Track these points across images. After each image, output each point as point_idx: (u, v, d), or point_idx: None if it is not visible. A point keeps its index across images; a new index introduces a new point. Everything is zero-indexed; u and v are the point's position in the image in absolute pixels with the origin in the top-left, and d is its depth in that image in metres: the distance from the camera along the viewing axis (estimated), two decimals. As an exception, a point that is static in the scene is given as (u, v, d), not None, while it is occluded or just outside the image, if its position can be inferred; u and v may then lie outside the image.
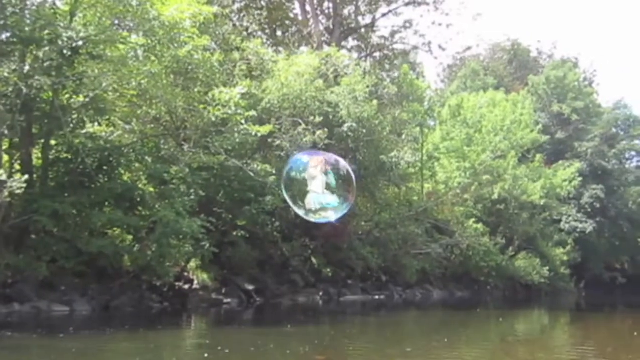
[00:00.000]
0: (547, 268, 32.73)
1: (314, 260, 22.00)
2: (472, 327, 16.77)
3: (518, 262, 31.55)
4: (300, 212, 3.29)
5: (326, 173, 2.99)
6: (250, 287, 19.25)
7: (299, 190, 3.00)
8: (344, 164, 3.09)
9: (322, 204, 3.08)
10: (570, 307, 28.88)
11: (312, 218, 3.19)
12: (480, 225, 29.37)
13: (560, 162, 38.25)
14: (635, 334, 15.22)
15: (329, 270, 21.99)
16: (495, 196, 30.19)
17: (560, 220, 37.86)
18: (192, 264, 17.99)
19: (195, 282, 18.05)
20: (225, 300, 18.20)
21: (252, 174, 17.46)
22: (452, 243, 27.25)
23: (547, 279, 32.51)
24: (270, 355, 9.79)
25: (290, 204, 3.20)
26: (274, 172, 18.30)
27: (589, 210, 39.26)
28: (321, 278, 22.14)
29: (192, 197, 16.07)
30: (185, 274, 17.93)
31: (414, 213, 25.95)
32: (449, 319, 19.27)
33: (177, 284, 17.23)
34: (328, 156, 3.11)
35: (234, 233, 19.07)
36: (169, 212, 14.92)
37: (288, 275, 21.25)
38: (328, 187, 3.00)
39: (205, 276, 18.22)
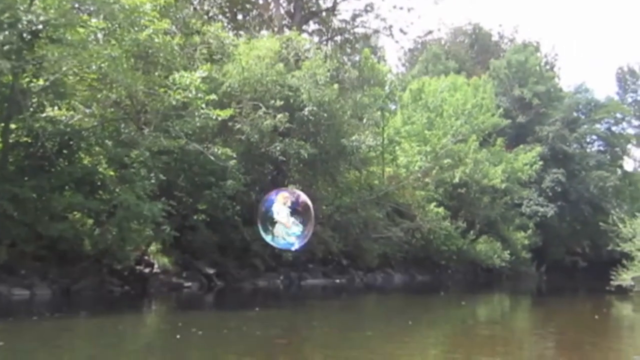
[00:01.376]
0: (508, 252, 34.02)
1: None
2: (434, 311, 17.63)
3: (479, 246, 32.85)
4: (268, 239, 4.00)
5: (289, 206, 3.77)
6: (211, 271, 20.11)
7: (270, 221, 3.73)
8: (303, 197, 3.84)
9: (288, 232, 3.85)
10: (531, 290, 30.06)
11: (276, 243, 3.94)
12: (441, 209, 30.52)
13: (522, 146, 39.62)
14: (597, 317, 16.20)
15: (289, 254, 22.92)
16: (456, 180, 31.33)
17: (521, 204, 39.25)
18: (153, 247, 18.71)
19: (156, 266, 18.83)
20: (186, 284, 18.99)
21: (212, 158, 18.14)
22: (413, 227, 28.35)
23: (508, 263, 33.78)
24: (234, 338, 10.39)
25: (262, 234, 3.87)
26: (234, 156, 19.16)
27: (550, 194, 40.74)
28: (282, 262, 22.93)
29: (153, 180, 16.74)
30: (146, 257, 18.68)
31: (375, 197, 27.02)
32: (410, 303, 20.12)
33: (137, 267, 17.96)
34: (291, 192, 3.83)
35: (195, 217, 19.86)
36: (129, 195, 15.55)
37: (249, 259, 22.11)
38: (292, 218, 3.79)
39: (165, 260, 19.06)
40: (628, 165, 53.34)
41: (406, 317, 14.60)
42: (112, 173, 16.49)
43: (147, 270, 18.47)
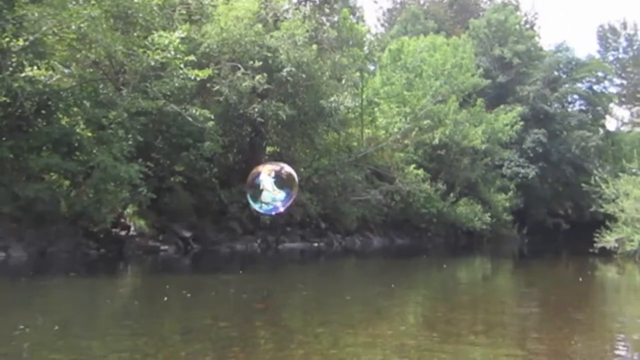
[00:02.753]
0: (489, 214, 34.80)
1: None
2: (415, 274, 18.13)
3: (459, 208, 33.53)
4: (256, 206, 4.65)
5: (274, 176, 4.47)
6: (188, 234, 20.67)
7: (258, 190, 4.45)
8: (287, 168, 4.52)
9: (274, 198, 4.53)
10: (512, 253, 30.99)
11: (264, 210, 4.59)
12: (420, 171, 31.04)
13: (502, 106, 39.95)
14: (581, 279, 16.84)
15: (267, 217, 23.44)
16: (436, 141, 31.77)
17: (502, 166, 39.85)
18: (129, 210, 19.21)
19: (132, 228, 19.39)
20: (163, 247, 19.56)
21: (190, 119, 18.45)
22: (393, 189, 28.95)
23: (489, 225, 34.56)
24: (210, 301, 10.81)
25: (251, 202, 4.53)
26: (212, 117, 19.45)
27: (531, 155, 41.21)
28: (259, 225, 23.42)
29: (130, 142, 17.16)
30: (122, 220, 19.22)
31: (354, 159, 27.52)
32: (390, 266, 20.68)
33: (113, 230, 18.52)
34: (275, 164, 4.51)
35: (172, 179, 20.32)
36: (106, 157, 15.96)
37: (226, 222, 22.70)
38: (277, 185, 4.49)
39: (142, 222, 19.60)
40: (610, 124, 54.16)
41: (386, 280, 15.00)
42: (89, 134, 16.84)
43: (123, 232, 19.03)
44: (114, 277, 14.87)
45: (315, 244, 25.99)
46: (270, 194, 4.49)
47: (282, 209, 4.57)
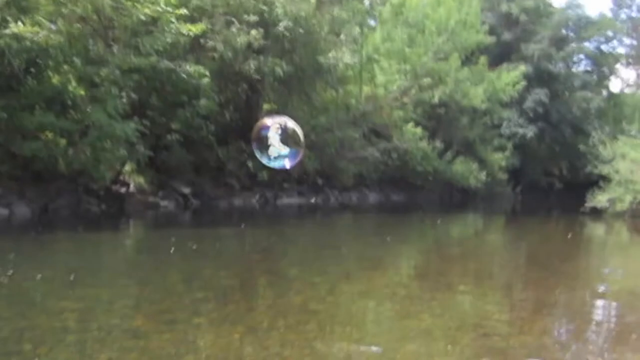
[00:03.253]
0: (485, 173, 34.98)
1: (249, 163, 23.78)
2: (409, 229, 18.53)
3: (455, 166, 33.61)
4: (264, 160, 4.85)
5: (280, 132, 4.69)
6: (187, 190, 20.98)
7: (265, 144, 4.72)
8: (292, 124, 4.74)
9: (280, 153, 4.74)
10: (505, 211, 31.41)
11: (272, 164, 4.86)
12: (418, 130, 31.20)
13: (505, 64, 39.48)
14: (570, 235, 17.22)
15: (265, 173, 23.29)
16: (436, 100, 31.64)
17: (500, 125, 39.68)
18: (128, 167, 19.46)
19: (132, 185, 19.71)
20: (162, 203, 19.90)
21: (184, 76, 18.53)
22: (390, 147, 29.10)
23: (483, 184, 34.87)
24: (210, 253, 11.21)
25: (258, 155, 4.80)
26: (207, 74, 19.45)
27: (531, 115, 41.03)
28: (257, 181, 23.73)
29: (124, 100, 17.26)
30: (121, 177, 19.57)
31: (352, 117, 27.60)
32: (385, 222, 21.12)
33: (113, 187, 18.82)
34: (281, 119, 4.77)
35: (169, 137, 20.46)
36: (101, 115, 16.05)
37: (224, 179, 22.96)
38: (283, 141, 4.69)
39: (141, 180, 19.92)
40: (615, 86, 53.90)
41: (381, 234, 15.41)
42: (82, 92, 16.82)
43: (123, 189, 19.33)
44: (118, 231, 15.27)
45: (312, 200, 26.35)
46: (277, 149, 4.70)
47: (288, 166, 4.77)
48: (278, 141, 4.68)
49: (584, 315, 7.02)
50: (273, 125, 4.71)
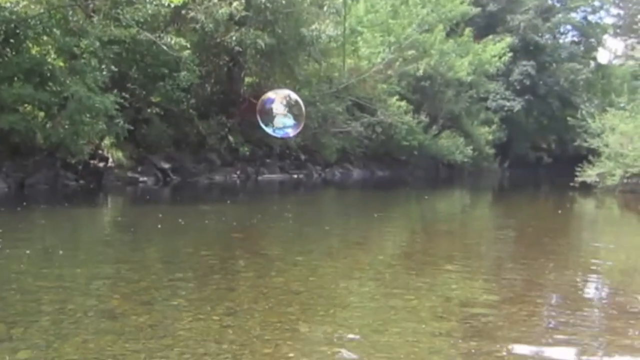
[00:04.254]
0: (471, 147, 35.46)
1: (230, 138, 23.73)
2: (393, 206, 18.49)
3: (441, 141, 34.02)
4: (269, 130, 5.22)
5: (284, 104, 5.06)
6: (166, 166, 20.95)
7: (270, 116, 5.04)
8: (294, 96, 5.18)
9: (284, 123, 5.07)
10: (492, 186, 31.62)
11: (277, 133, 5.25)
12: (403, 103, 31.28)
13: (491, 36, 39.80)
14: (560, 212, 17.28)
15: (246, 148, 23.66)
16: (420, 72, 31.83)
17: (487, 98, 40.15)
18: (107, 141, 19.33)
19: (110, 160, 19.56)
20: (142, 179, 19.83)
21: (165, 48, 18.45)
22: (374, 121, 29.15)
23: (470, 159, 35.25)
24: (190, 231, 11.05)
25: (263, 126, 5.15)
26: (188, 46, 19.42)
27: (518, 87, 41.53)
28: (238, 157, 23.87)
29: (104, 72, 17.12)
30: (100, 152, 19.38)
31: (335, 90, 27.48)
32: (369, 198, 21.18)
33: (92, 161, 18.69)
34: (285, 91, 5.18)
35: (149, 110, 20.36)
36: (80, 87, 15.93)
37: (204, 154, 22.95)
38: (287, 112, 5.07)
39: (120, 154, 19.75)
40: (602, 57, 54.16)
41: (365, 211, 15.39)
42: (61, 64, 16.73)
43: (101, 164, 19.23)
44: (96, 207, 15.13)
45: (295, 176, 26.37)
46: (282, 119, 5.01)
47: (292, 134, 5.25)
48: (282, 112, 5.02)
49: (575, 295, 6.99)
50: (277, 97, 5.10)
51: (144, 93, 20.21)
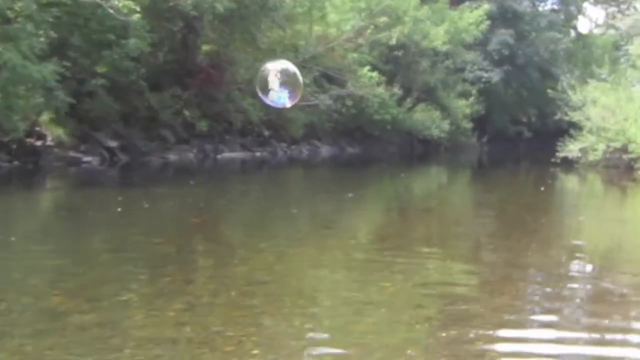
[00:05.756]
0: (448, 121, 35.53)
1: (186, 112, 23.42)
2: (365, 185, 18.51)
3: (416, 115, 34.02)
4: (267, 101, 5.55)
5: (279, 77, 5.35)
6: (114, 144, 20.58)
7: (266, 86, 5.37)
8: (292, 68, 5.52)
9: (280, 97, 5.36)
10: (471, 163, 32.23)
11: (274, 103, 5.51)
12: (375, 74, 31.15)
13: (467, 3, 39.78)
14: (543, 188, 17.50)
15: (203, 124, 23.39)
16: (393, 41, 31.59)
17: (464, 69, 40.23)
18: (45, 117, 18.86)
19: (49, 137, 19.07)
20: (85, 159, 19.40)
21: (111, 11, 18.04)
22: (344, 94, 29.07)
23: (447, 134, 35.43)
24: (142, 217, 10.92)
25: (260, 93, 5.50)
26: (137, 9, 18.98)
27: (496, 57, 41.76)
28: (195, 133, 23.58)
29: (42, 38, 16.64)
30: (37, 128, 18.93)
31: (301, 60, 27.18)
32: (340, 177, 21.21)
33: (28, 140, 18.24)
34: (282, 64, 5.59)
35: (93, 81, 19.88)
36: (14, 55, 15.44)
37: (157, 130, 22.58)
38: (282, 86, 5.33)
39: (60, 131, 19.27)
40: (583, 26, 54.98)
41: (335, 192, 15.40)
42: (-7, 28, 16.27)
43: (39, 142, 18.76)
44: (33, 191, 14.79)
45: (258, 154, 26.21)
46: (277, 94, 5.36)
47: (289, 105, 5.54)
48: (278, 83, 5.34)
49: (559, 277, 7.09)
50: (274, 68, 5.46)
51: (87, 62, 19.78)
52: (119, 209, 11.07)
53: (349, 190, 15.43)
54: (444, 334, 4.88)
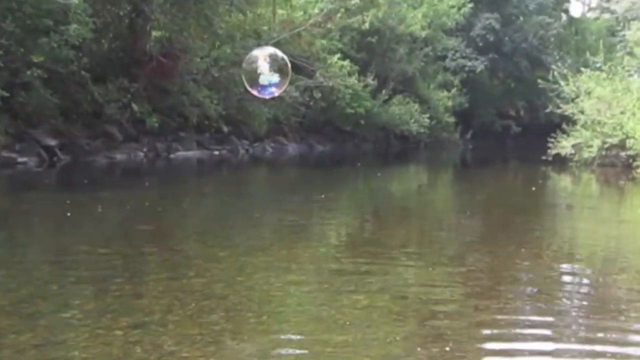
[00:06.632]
0: (428, 115, 36.09)
1: (134, 107, 23.25)
2: (337, 187, 18.56)
3: (392, 108, 34.45)
4: (255, 92, 5.91)
5: (268, 61, 5.63)
6: (53, 142, 20.47)
7: (254, 73, 5.67)
8: (281, 54, 5.80)
9: (270, 81, 5.61)
10: (454, 161, 32.60)
11: (262, 94, 5.84)
12: (346, 63, 31.40)
13: None
14: (534, 188, 17.78)
15: (154, 119, 23.31)
16: (367, 26, 31.95)
17: (445, 57, 40.91)
18: (-26, 113, 18.83)
19: (-21, 136, 19.02)
20: (20, 159, 19.26)
21: None
22: (312, 85, 29.16)
23: (426, 129, 35.98)
24: (86, 224, 10.89)
25: (247, 85, 5.85)
26: None
27: (481, 44, 42.28)
28: (145, 130, 23.57)
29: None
30: (-35, 125, 18.81)
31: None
32: (309, 178, 21.26)
33: (-46, 138, 18.18)
34: (269, 49, 5.89)
35: (28, 72, 19.72)
36: None
37: (102, 127, 22.48)
38: (271, 70, 5.60)
39: (-9, 129, 19.20)
40: (575, 10, 55.65)
41: (303, 195, 15.54)
42: None
43: (-34, 142, 18.59)
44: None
45: (216, 152, 26.30)
46: (267, 77, 5.61)
47: (277, 93, 5.85)
48: (268, 70, 5.61)
49: (550, 288, 7.12)
50: (262, 53, 5.80)
51: (21, 51, 19.51)
52: (60, 216, 11.00)
53: (319, 193, 15.46)
54: (424, 352, 4.90)
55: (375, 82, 33.46)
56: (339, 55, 31.68)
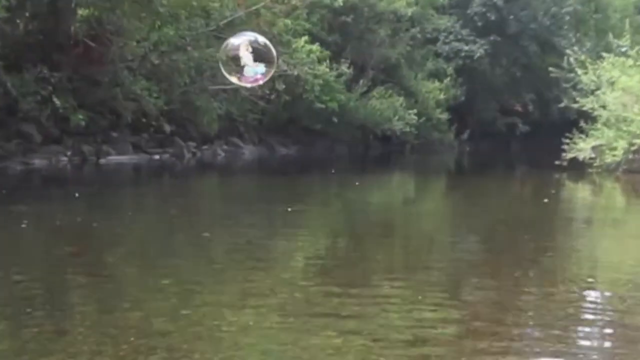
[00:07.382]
0: (415, 111, 35.93)
1: (56, 101, 23.10)
2: (305, 199, 18.64)
3: (372, 102, 34.36)
4: (240, 83, 6.16)
5: (251, 50, 5.81)
6: (-46, 145, 20.50)
7: (237, 66, 5.86)
8: (262, 39, 6.01)
9: (256, 72, 5.81)
10: (447, 167, 32.81)
11: (243, 82, 6.06)
12: (316, 47, 31.49)
13: None
14: (546, 200, 17.88)
15: (80, 117, 23.09)
16: (340, 2, 32.10)
17: (436, 40, 41.08)
18: None
19: None
20: None
21: None
22: (273, 74, 29.25)
23: (414, 128, 35.88)
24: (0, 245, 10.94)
25: (231, 79, 6.06)
26: None
27: (480, 24, 42.30)
28: (69, 129, 23.45)
29: None
30: None
31: (214, 28, 27.36)
32: (270, 188, 21.28)
33: None
34: (248, 35, 6.08)
35: None
36: None
37: (16, 126, 22.45)
38: (255, 59, 5.78)
39: None
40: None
41: (264, 208, 15.56)
42: None
43: None
44: None
45: (157, 157, 26.33)
46: (253, 69, 5.83)
47: (261, 82, 6.12)
48: (251, 59, 5.83)
49: (563, 326, 7.10)
50: (242, 41, 5.96)
51: None
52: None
53: (284, 206, 15.59)
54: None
55: (351, 71, 33.41)
56: (306, 38, 31.68)
